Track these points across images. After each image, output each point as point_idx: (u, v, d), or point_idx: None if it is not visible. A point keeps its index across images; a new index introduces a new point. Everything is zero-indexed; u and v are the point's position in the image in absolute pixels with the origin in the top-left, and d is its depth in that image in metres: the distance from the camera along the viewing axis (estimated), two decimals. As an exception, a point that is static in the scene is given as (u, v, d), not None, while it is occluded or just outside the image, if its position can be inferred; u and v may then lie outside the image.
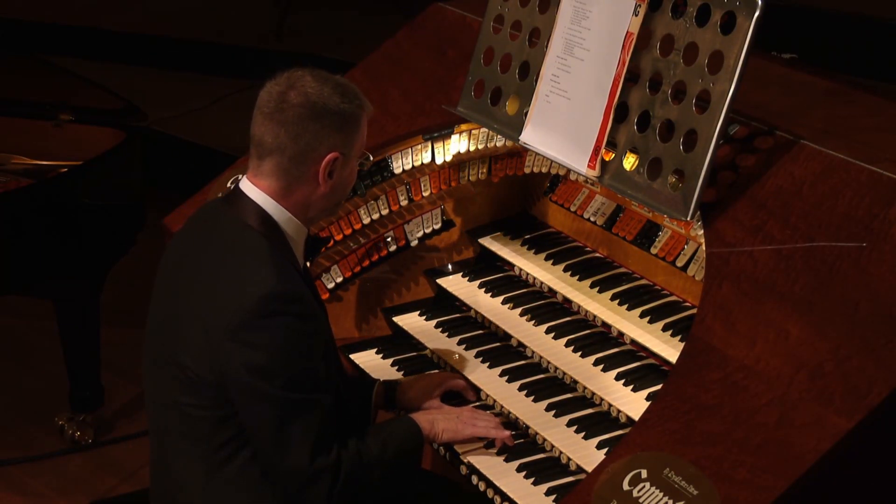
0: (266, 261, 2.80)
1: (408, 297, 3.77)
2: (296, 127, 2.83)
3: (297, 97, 2.83)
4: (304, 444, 2.78)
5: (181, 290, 2.90)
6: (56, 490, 4.68)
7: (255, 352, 2.74)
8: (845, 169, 2.83)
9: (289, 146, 2.84)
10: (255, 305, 2.74)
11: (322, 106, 2.84)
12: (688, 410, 2.66)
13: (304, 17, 7.90)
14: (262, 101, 2.87)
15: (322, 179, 2.88)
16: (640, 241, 3.35)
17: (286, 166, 2.85)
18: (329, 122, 2.85)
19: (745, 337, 2.72)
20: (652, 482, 2.57)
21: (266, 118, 2.85)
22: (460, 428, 3.06)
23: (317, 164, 2.86)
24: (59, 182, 4.57)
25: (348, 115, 2.88)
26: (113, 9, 8.26)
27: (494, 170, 3.70)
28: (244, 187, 2.91)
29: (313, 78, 2.87)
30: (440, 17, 3.94)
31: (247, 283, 2.77)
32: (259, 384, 2.75)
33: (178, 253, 2.98)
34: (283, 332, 2.76)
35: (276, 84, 2.87)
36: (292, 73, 2.89)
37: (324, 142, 2.85)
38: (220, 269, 2.83)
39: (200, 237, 2.94)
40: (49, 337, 4.96)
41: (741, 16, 2.84)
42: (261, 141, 2.86)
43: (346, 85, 2.90)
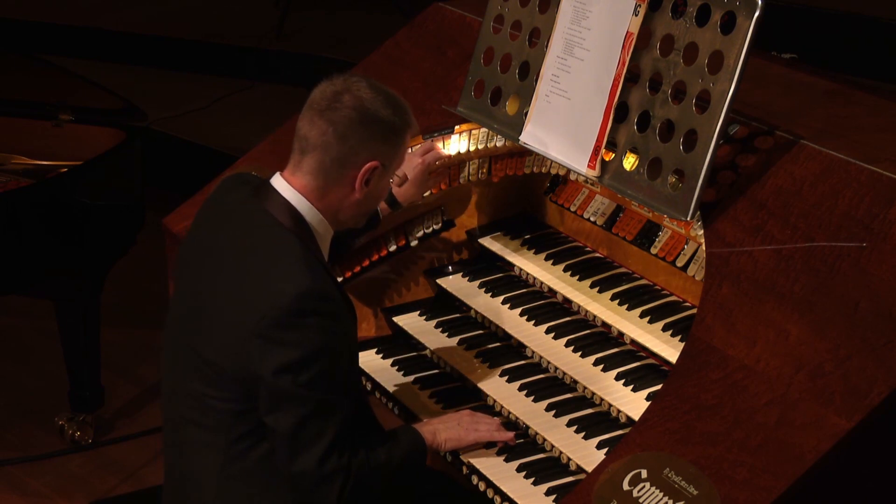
0: (299, 259, 2.81)
1: (408, 297, 3.77)
2: (344, 128, 2.85)
3: (351, 100, 2.86)
4: (318, 446, 2.79)
5: (207, 282, 2.90)
6: (56, 490, 4.69)
7: (286, 349, 2.75)
8: (845, 169, 2.83)
9: (333, 146, 2.85)
10: (290, 303, 2.74)
11: (373, 114, 2.87)
12: (688, 410, 2.66)
13: (304, 17, 7.89)
14: (314, 98, 2.89)
15: (358, 186, 2.89)
16: (640, 241, 3.35)
17: (327, 166, 2.87)
18: (377, 130, 2.88)
19: (745, 337, 2.72)
20: (652, 482, 2.58)
21: (316, 115, 2.87)
22: (463, 435, 3.06)
23: (356, 170, 2.88)
24: (59, 182, 4.57)
25: (396, 128, 2.91)
26: (113, 9, 8.26)
27: (494, 170, 3.70)
28: (276, 183, 2.91)
29: (369, 85, 2.90)
30: (440, 17, 3.94)
31: (280, 280, 2.77)
32: (284, 382, 2.76)
33: (203, 242, 2.98)
34: (315, 331, 2.76)
35: (332, 84, 2.89)
36: (349, 77, 2.91)
37: (368, 149, 2.87)
38: (249, 265, 2.83)
39: (227, 230, 2.94)
40: (49, 337, 4.96)
41: (741, 16, 2.84)
42: (306, 136, 2.88)
43: (398, 99, 2.94)
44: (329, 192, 2.90)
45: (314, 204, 2.90)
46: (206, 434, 2.90)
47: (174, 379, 2.99)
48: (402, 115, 2.92)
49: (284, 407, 2.78)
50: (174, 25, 7.98)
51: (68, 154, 4.76)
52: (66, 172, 4.61)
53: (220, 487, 2.91)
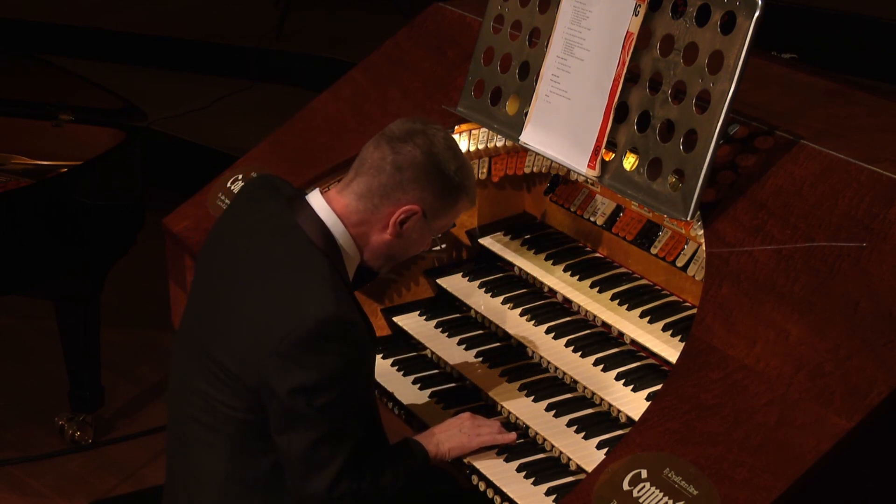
0: (327, 283, 2.78)
1: (408, 297, 3.77)
2: (404, 161, 2.85)
3: (423, 142, 2.87)
4: (330, 469, 2.78)
5: (230, 288, 2.87)
6: (56, 490, 4.69)
7: (305, 371, 2.73)
8: (845, 169, 2.83)
9: (386, 172, 2.86)
10: (314, 328, 2.72)
11: (438, 163, 2.88)
12: (688, 410, 2.66)
13: (304, 17, 7.89)
14: (390, 128, 2.91)
15: (392, 224, 2.88)
16: (640, 241, 3.35)
17: (374, 189, 2.86)
18: (434, 179, 2.88)
19: (745, 337, 2.72)
20: (652, 482, 2.58)
21: (384, 142, 2.88)
22: (466, 442, 3.05)
23: (395, 206, 2.87)
24: (59, 182, 4.57)
25: (452, 187, 2.91)
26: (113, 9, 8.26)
27: (494, 170, 3.70)
28: (313, 200, 2.89)
29: (445, 137, 2.92)
30: (440, 17, 3.94)
31: (306, 303, 2.75)
32: (299, 403, 2.74)
33: (230, 246, 2.95)
34: (335, 357, 2.74)
35: (413, 122, 2.92)
36: (430, 123, 2.93)
37: (416, 192, 2.87)
38: (276, 280, 2.80)
39: (256, 239, 2.90)
40: (49, 337, 4.96)
41: (741, 16, 2.84)
42: (365, 158, 2.89)
43: (467, 167, 2.96)
44: (366, 222, 2.89)
45: (349, 229, 2.88)
46: (212, 436, 2.90)
47: (185, 377, 2.97)
48: (464, 178, 2.93)
49: (298, 428, 2.77)
50: (174, 25, 7.98)
51: (68, 154, 4.76)
52: (66, 172, 4.61)
53: (222, 492, 2.91)
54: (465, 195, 2.96)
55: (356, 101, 3.83)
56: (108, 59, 7.67)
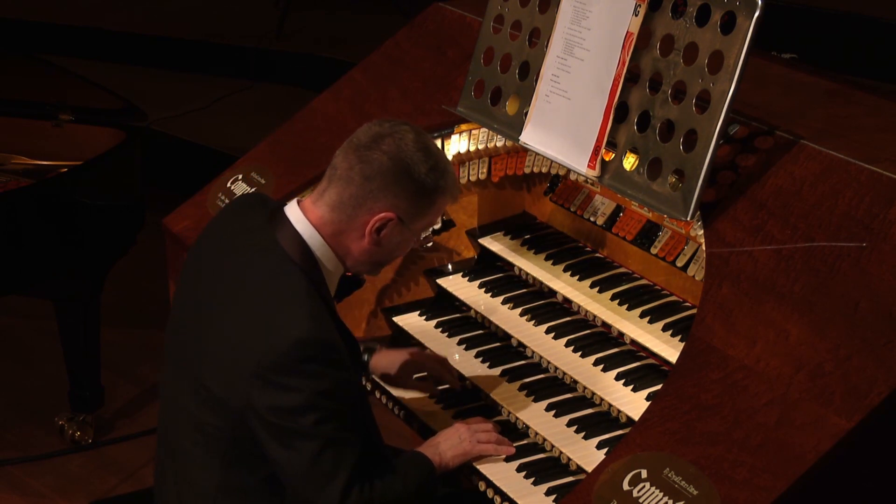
0: (304, 302, 2.75)
1: (408, 297, 3.77)
2: (372, 171, 2.81)
3: (390, 147, 2.82)
4: (338, 480, 2.76)
5: (211, 308, 2.85)
6: (56, 490, 4.69)
7: (285, 394, 2.71)
8: (845, 169, 2.83)
9: (355, 182, 2.82)
10: (290, 349, 2.70)
11: (406, 167, 2.82)
12: (688, 410, 2.66)
13: (304, 17, 7.90)
14: (357, 134, 2.87)
15: (368, 232, 2.85)
16: (640, 241, 3.35)
17: (345, 200, 2.83)
18: (405, 185, 2.83)
19: (745, 337, 2.72)
20: (652, 482, 2.58)
21: (352, 150, 2.84)
22: (467, 449, 3.05)
23: (369, 215, 2.84)
24: (59, 182, 4.57)
25: (427, 189, 2.86)
26: (113, 9, 8.26)
27: (494, 170, 3.70)
28: (291, 213, 2.87)
29: (415, 138, 2.85)
30: (440, 17, 3.94)
31: (282, 324, 2.72)
32: (285, 422, 2.73)
33: (210, 264, 2.93)
34: (315, 378, 2.72)
35: (379, 125, 2.86)
36: (399, 124, 2.87)
37: (387, 199, 2.83)
38: (256, 300, 2.79)
39: (235, 256, 2.88)
40: (49, 337, 4.96)
41: (741, 16, 2.84)
42: (336, 166, 2.86)
43: (441, 159, 2.88)
44: (342, 232, 2.85)
45: (327, 240, 2.85)
46: (202, 452, 2.88)
47: (174, 395, 2.96)
48: (438, 178, 2.86)
49: (293, 444, 2.75)
50: (174, 25, 7.98)
51: (68, 154, 4.76)
52: (66, 172, 4.61)
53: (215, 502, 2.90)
54: (442, 194, 2.89)
55: (356, 101, 3.83)
56: (108, 59, 7.68)
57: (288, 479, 2.81)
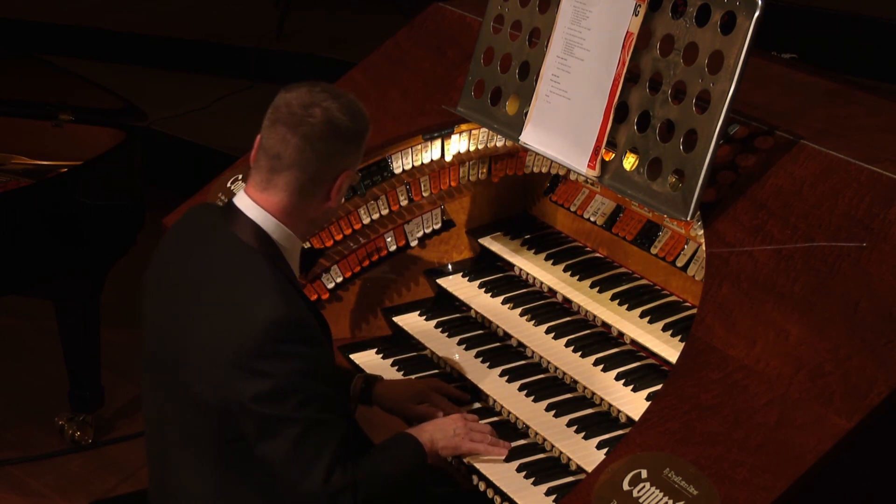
0: (269, 285, 2.78)
1: (408, 297, 3.77)
2: (321, 144, 2.82)
3: (322, 114, 2.82)
4: (320, 464, 2.76)
5: (180, 312, 2.86)
6: (56, 490, 4.69)
7: (266, 379, 2.72)
8: (845, 169, 2.83)
9: (313, 163, 2.83)
10: (264, 332, 2.72)
11: (343, 125, 2.85)
12: (688, 410, 2.66)
13: (304, 17, 7.90)
14: (281, 112, 2.83)
15: (334, 195, 2.89)
16: (640, 241, 3.35)
17: (304, 183, 2.84)
18: (348, 140, 2.87)
19: (745, 337, 2.72)
20: (652, 482, 2.58)
21: (288, 131, 2.82)
22: (458, 443, 3.04)
23: (332, 182, 2.87)
24: (59, 182, 4.57)
25: (360, 135, 2.91)
26: (113, 9, 8.26)
27: (494, 170, 3.70)
28: (240, 203, 2.88)
29: (332, 95, 2.86)
30: (440, 17, 3.94)
31: (252, 309, 2.74)
32: (270, 410, 2.74)
33: (172, 271, 2.94)
34: (292, 358, 2.74)
35: (297, 97, 2.84)
36: (312, 88, 2.86)
37: (343, 160, 2.87)
38: (220, 293, 2.80)
39: (196, 257, 2.90)
40: (49, 337, 4.96)
41: (741, 16, 2.84)
42: (278, 154, 2.83)
43: (356, 103, 2.92)
44: (302, 207, 2.87)
45: (282, 220, 2.86)
46: (195, 460, 2.88)
47: (157, 406, 2.95)
48: (363, 121, 2.91)
49: (276, 433, 2.75)
50: (174, 25, 7.98)
51: (68, 154, 4.76)
52: (66, 172, 4.61)
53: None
54: (367, 131, 2.93)
55: (356, 101, 3.83)
56: (108, 59, 7.67)
57: (274, 469, 2.81)
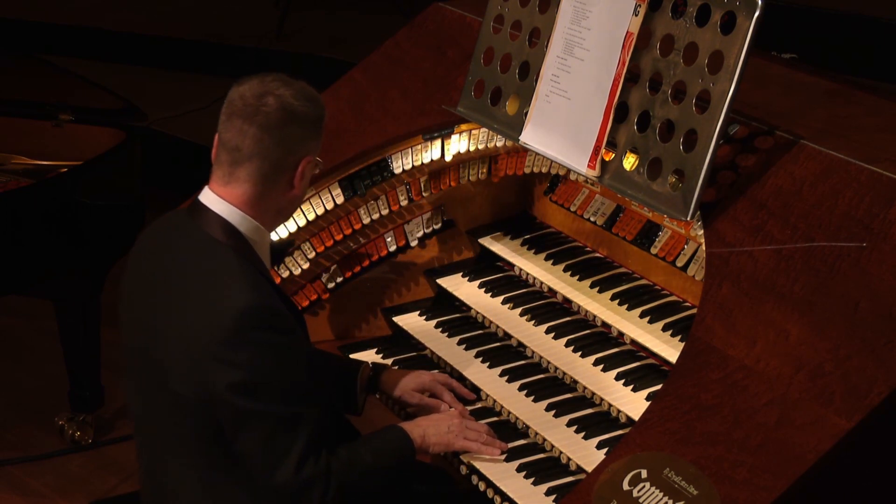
0: (238, 275, 2.79)
1: (408, 297, 3.77)
2: (279, 132, 2.83)
3: (276, 102, 2.83)
4: (291, 456, 2.77)
5: (156, 312, 2.87)
6: (56, 490, 4.69)
7: (238, 370, 2.73)
8: (845, 169, 2.83)
9: (273, 151, 2.84)
10: (234, 322, 2.73)
11: (298, 111, 2.85)
12: (688, 410, 2.66)
13: (304, 17, 7.89)
14: (236, 105, 2.85)
15: (297, 182, 2.89)
16: (640, 241, 3.35)
17: (266, 171, 2.85)
18: (305, 125, 2.87)
19: (745, 337, 2.72)
20: (652, 482, 2.58)
21: (245, 122, 2.83)
22: (451, 440, 3.05)
23: (294, 169, 2.87)
24: (59, 182, 4.57)
25: (318, 120, 2.90)
26: (113, 9, 8.26)
27: (494, 170, 3.70)
28: (205, 199, 2.89)
29: (284, 83, 2.87)
30: (440, 17, 3.94)
31: (222, 300, 2.75)
32: (244, 401, 2.75)
33: (146, 273, 2.95)
34: (263, 347, 2.75)
35: (250, 88, 2.86)
36: (264, 78, 2.88)
37: (303, 146, 2.87)
38: (193, 287, 2.81)
39: (167, 257, 2.91)
40: (48, 337, 4.96)
41: (741, 16, 2.84)
42: (237, 146, 2.84)
43: (309, 89, 2.92)
44: (267, 197, 2.88)
45: (248, 212, 2.87)
46: (180, 458, 2.89)
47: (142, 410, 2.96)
48: (318, 105, 2.91)
49: (249, 425, 2.76)
50: (174, 25, 7.98)
51: (68, 154, 4.76)
52: (66, 172, 4.61)
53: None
54: (323, 115, 2.93)
55: (356, 101, 3.83)
56: (108, 59, 7.67)
57: (249, 461, 2.81)
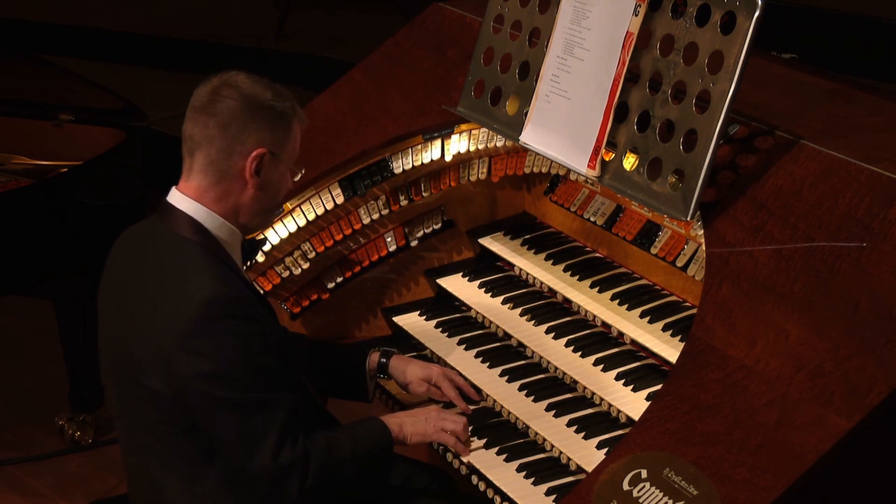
0: (204, 268, 2.80)
1: (408, 297, 3.77)
2: (225, 117, 2.83)
3: (230, 91, 2.84)
4: (268, 441, 2.77)
5: (129, 312, 2.88)
6: (56, 490, 4.69)
7: (206, 359, 2.74)
8: (845, 169, 2.83)
9: (217, 136, 2.83)
10: (198, 312, 2.74)
11: (253, 99, 2.85)
12: (688, 410, 2.66)
13: (304, 17, 7.90)
14: (194, 98, 2.88)
15: (249, 176, 2.86)
16: (640, 241, 3.36)
17: (214, 157, 2.84)
18: (259, 115, 2.85)
19: (745, 337, 2.72)
20: (652, 482, 2.58)
21: (197, 112, 2.85)
22: (429, 431, 3.06)
23: (244, 159, 2.85)
24: (59, 182, 4.57)
25: (279, 113, 2.87)
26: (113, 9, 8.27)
27: (494, 170, 3.70)
28: (172, 199, 2.91)
29: (247, 76, 2.89)
30: (440, 17, 3.94)
31: (188, 292, 2.77)
32: (214, 390, 2.75)
33: (119, 276, 2.96)
34: (229, 336, 2.76)
35: (210, 83, 2.88)
36: (227, 73, 2.90)
37: (252, 135, 2.84)
38: (162, 283, 2.83)
39: (137, 258, 2.94)
40: (48, 337, 4.96)
41: (741, 16, 2.84)
42: (191, 136, 2.86)
43: (279, 87, 2.92)
44: (223, 191, 2.87)
45: (212, 208, 2.87)
46: (161, 457, 2.89)
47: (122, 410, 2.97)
48: (285, 100, 2.89)
49: (222, 413, 2.77)
50: (174, 25, 7.98)
51: (68, 154, 4.76)
52: (66, 172, 4.61)
53: None
54: (294, 117, 2.91)
55: (356, 101, 3.83)
56: (108, 59, 7.68)
57: (225, 450, 2.82)
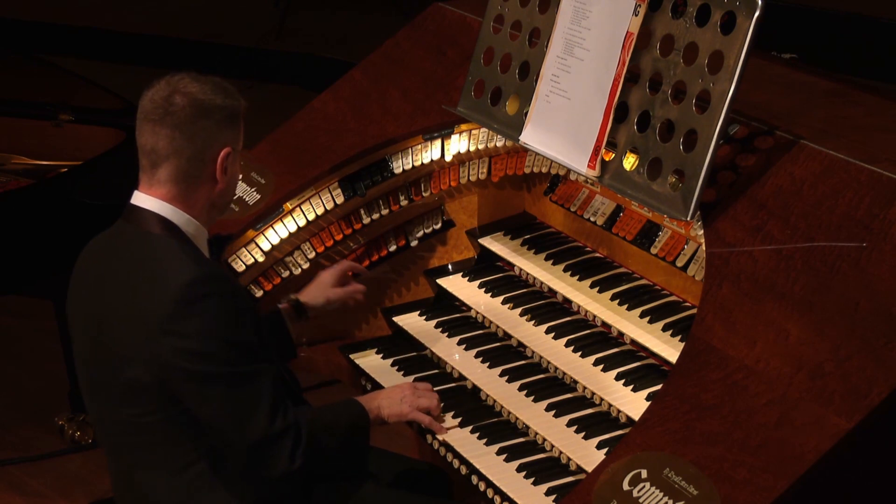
0: (176, 254, 2.83)
1: (408, 297, 3.77)
2: (190, 127, 2.85)
3: (183, 99, 2.85)
4: (261, 410, 2.80)
5: (102, 311, 2.90)
6: (56, 490, 4.69)
7: (191, 339, 2.76)
8: (845, 169, 2.83)
9: (186, 147, 2.86)
10: (181, 293, 2.76)
11: (209, 104, 2.87)
12: (688, 410, 2.66)
13: (304, 17, 7.90)
14: (146, 109, 2.88)
15: (220, 176, 2.90)
16: (640, 241, 3.35)
17: (184, 168, 2.87)
18: (219, 118, 2.88)
19: (745, 337, 2.72)
20: (652, 482, 2.57)
21: (156, 124, 2.85)
22: (405, 412, 3.13)
23: (214, 162, 2.89)
24: (59, 182, 4.57)
25: (233, 111, 2.92)
26: (113, 9, 8.27)
27: (494, 170, 3.70)
28: (137, 201, 2.91)
29: (192, 79, 2.90)
30: (440, 17, 3.94)
31: (166, 278, 2.79)
32: (202, 368, 2.78)
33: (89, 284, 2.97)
34: (213, 313, 2.79)
35: (157, 91, 2.88)
36: (170, 78, 2.90)
37: (218, 138, 2.88)
38: (136, 276, 2.84)
39: (106, 259, 2.95)
40: (49, 337, 4.96)
41: (741, 16, 2.84)
42: (153, 149, 2.87)
43: (222, 82, 2.94)
44: (194, 192, 2.90)
45: (180, 207, 2.89)
46: (145, 454, 2.90)
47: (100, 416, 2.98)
48: (234, 98, 2.92)
49: (211, 390, 2.79)
50: (174, 25, 7.99)
51: (68, 154, 4.76)
52: (66, 172, 4.61)
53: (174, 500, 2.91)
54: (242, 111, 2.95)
55: (356, 101, 3.83)
56: (108, 59, 7.68)
57: (217, 428, 2.83)
